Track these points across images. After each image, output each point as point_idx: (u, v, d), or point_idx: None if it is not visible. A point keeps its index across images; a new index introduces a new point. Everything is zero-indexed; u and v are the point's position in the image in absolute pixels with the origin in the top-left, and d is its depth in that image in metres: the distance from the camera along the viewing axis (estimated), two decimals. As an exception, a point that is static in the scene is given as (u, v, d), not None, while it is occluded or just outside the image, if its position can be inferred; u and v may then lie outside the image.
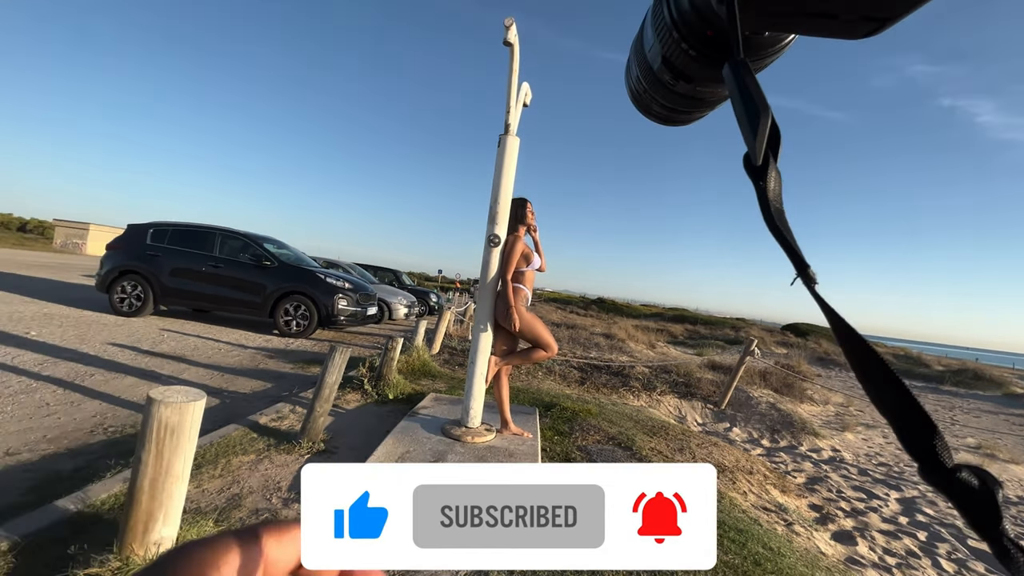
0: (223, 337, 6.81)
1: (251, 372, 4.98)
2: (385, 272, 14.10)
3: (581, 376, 6.58)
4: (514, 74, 3.04)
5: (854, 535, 3.32)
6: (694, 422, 6.04)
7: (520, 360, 3.27)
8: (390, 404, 4.06)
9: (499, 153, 3.16)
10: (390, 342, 4.31)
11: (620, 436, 3.70)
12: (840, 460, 5.38)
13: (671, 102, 0.61)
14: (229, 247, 7.92)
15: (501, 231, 3.16)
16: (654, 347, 15.30)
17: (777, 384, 9.29)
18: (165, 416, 1.52)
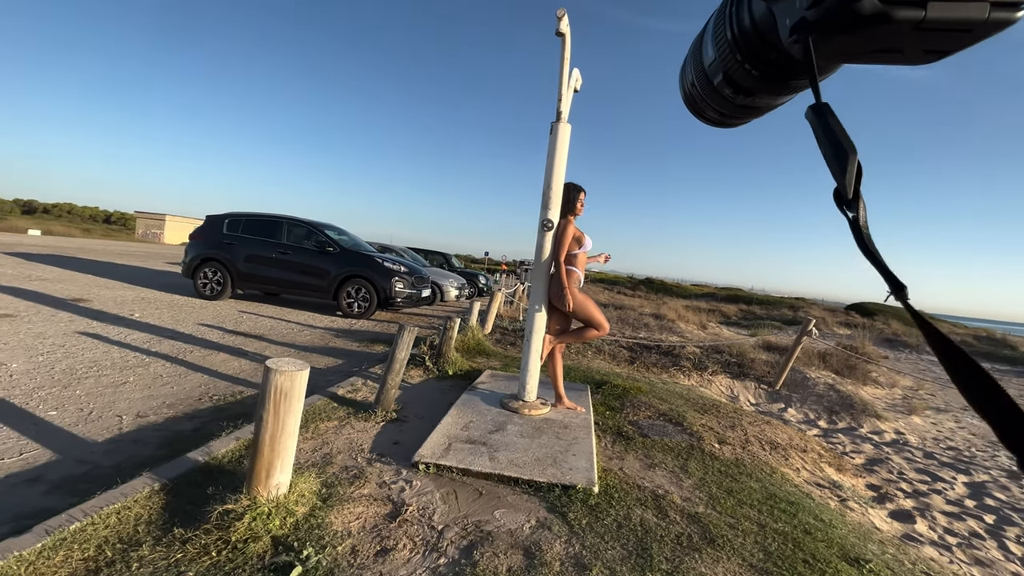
0: (293, 318, 7.40)
1: (322, 350, 5.44)
2: (435, 255, 14.56)
3: (631, 356, 6.66)
4: (565, 63, 3.13)
5: (913, 514, 3.30)
6: (747, 402, 6.00)
7: (573, 338, 3.44)
8: (450, 380, 4.36)
9: (551, 140, 3.28)
10: (448, 322, 4.59)
11: (671, 412, 3.81)
12: (904, 443, 5.21)
13: (727, 110, 0.63)
14: (295, 234, 8.51)
15: (554, 215, 3.30)
16: (705, 328, 14.98)
17: (838, 366, 8.95)
18: (280, 382, 1.81)
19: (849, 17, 0.37)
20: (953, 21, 0.35)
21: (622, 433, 3.34)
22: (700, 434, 3.44)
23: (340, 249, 8.20)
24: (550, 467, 2.55)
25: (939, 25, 0.35)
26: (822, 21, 0.39)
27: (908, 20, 0.35)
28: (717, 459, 3.06)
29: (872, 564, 2.06)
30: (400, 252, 12.67)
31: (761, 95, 0.58)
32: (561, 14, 2.86)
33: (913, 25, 0.36)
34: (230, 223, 8.58)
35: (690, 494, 2.52)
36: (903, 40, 0.38)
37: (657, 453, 3.05)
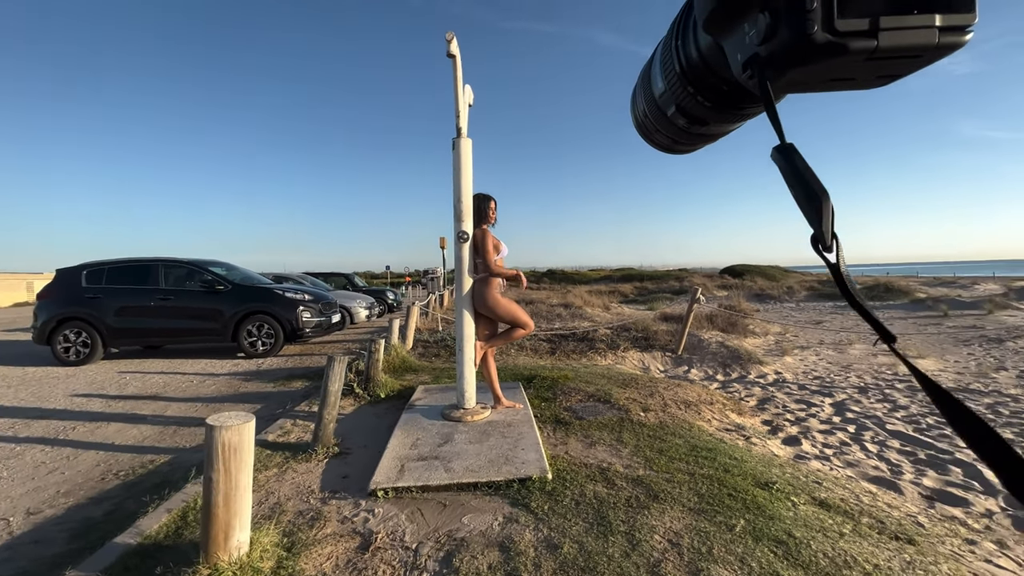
0: (189, 369, 6.68)
1: (234, 397, 5.03)
2: (336, 277, 13.92)
3: (551, 347, 7.03)
4: (459, 82, 3.28)
5: (799, 438, 3.98)
6: (657, 370, 6.66)
7: (503, 340, 3.61)
8: (383, 403, 4.30)
9: (455, 155, 3.41)
10: (372, 344, 4.52)
11: (598, 393, 4.16)
12: (783, 380, 6.17)
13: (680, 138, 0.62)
14: (175, 277, 7.66)
15: (468, 227, 3.43)
16: (609, 308, 16.13)
17: (723, 324, 10.21)
18: (227, 439, 1.74)
19: (803, 51, 0.37)
20: (904, 48, 0.35)
21: (560, 420, 3.59)
22: (627, 407, 3.81)
23: (232, 286, 7.55)
24: (504, 465, 2.69)
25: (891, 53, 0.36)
26: (775, 56, 0.39)
27: (861, 51, 0.35)
28: (645, 426, 3.43)
29: (778, 484, 2.50)
30: (298, 279, 11.93)
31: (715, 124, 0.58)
32: (450, 37, 2.99)
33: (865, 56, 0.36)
34: (90, 275, 7.48)
35: (629, 461, 2.83)
36: (856, 69, 0.39)
37: (594, 431, 3.34)
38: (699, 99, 0.52)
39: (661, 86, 0.56)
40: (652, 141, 0.67)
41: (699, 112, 0.54)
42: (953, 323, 12.82)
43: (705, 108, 0.53)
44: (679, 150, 0.67)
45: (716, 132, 0.60)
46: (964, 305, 15.67)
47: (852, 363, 7.53)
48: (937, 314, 14.58)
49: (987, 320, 12.77)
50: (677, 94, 0.54)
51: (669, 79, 0.54)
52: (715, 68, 0.48)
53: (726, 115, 0.54)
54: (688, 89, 0.52)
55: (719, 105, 0.52)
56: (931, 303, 16.62)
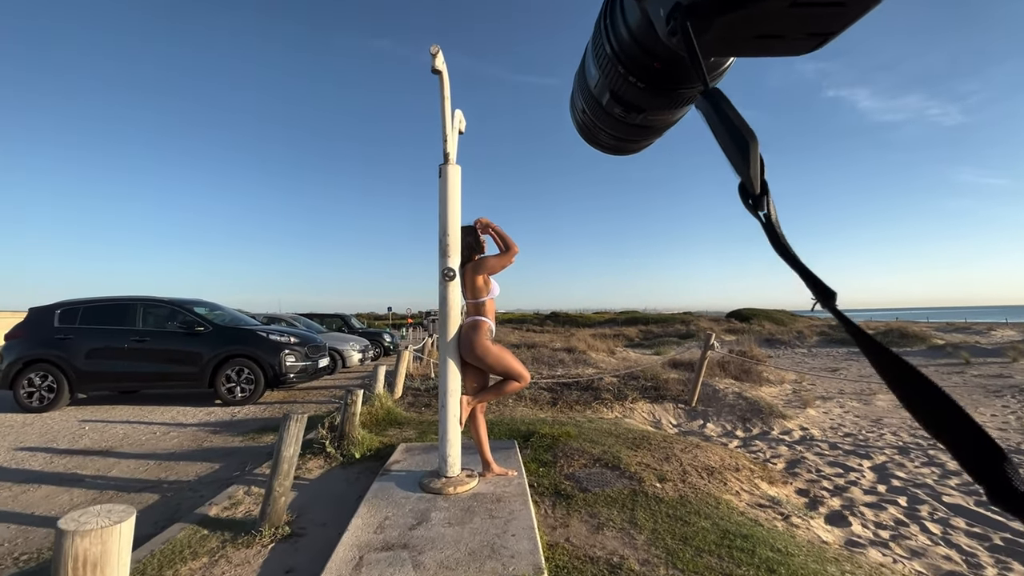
0: (156, 418, 6.12)
1: (194, 454, 4.46)
2: (332, 319, 13.46)
3: (552, 397, 6.45)
4: (446, 101, 2.94)
5: (844, 514, 3.36)
6: (669, 424, 6.04)
7: (494, 395, 3.09)
8: (358, 464, 3.73)
9: (441, 184, 3.03)
10: (349, 396, 3.99)
11: (605, 456, 3.58)
12: (811, 438, 5.54)
13: (621, 132, 0.59)
14: (154, 317, 7.22)
15: (455, 263, 3.00)
16: (614, 353, 15.50)
17: (736, 372, 9.59)
18: (83, 549, 1.22)
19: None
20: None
21: (560, 492, 3.01)
22: (639, 475, 3.24)
23: (213, 327, 7.09)
24: (488, 560, 2.13)
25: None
26: (696, 4, 0.37)
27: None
28: (663, 501, 2.85)
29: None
30: (290, 321, 11.48)
31: (653, 111, 0.53)
32: (435, 51, 2.67)
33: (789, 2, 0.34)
34: (63, 314, 7.06)
35: (647, 554, 2.25)
36: (783, 22, 0.37)
37: (601, 508, 2.76)
38: (631, 80, 0.49)
39: (595, 73, 0.54)
40: (596, 142, 0.64)
41: (633, 96, 0.51)
42: (978, 371, 12.16)
43: (639, 91, 0.50)
44: (626, 148, 0.63)
45: (656, 123, 0.56)
46: (985, 352, 15.00)
47: (881, 417, 6.89)
48: (958, 362, 13.90)
49: (1013, 369, 12.11)
50: (610, 78, 0.51)
51: (602, 63, 0.51)
52: (644, 42, 0.46)
53: (661, 98, 0.50)
54: (619, 70, 0.49)
55: (652, 86, 0.49)
56: (951, 350, 15.94)
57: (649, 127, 0.57)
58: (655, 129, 0.58)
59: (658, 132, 0.59)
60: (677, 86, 0.50)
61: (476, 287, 3.04)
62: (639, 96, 0.52)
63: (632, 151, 0.66)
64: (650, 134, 0.60)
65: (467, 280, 3.05)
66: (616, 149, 0.65)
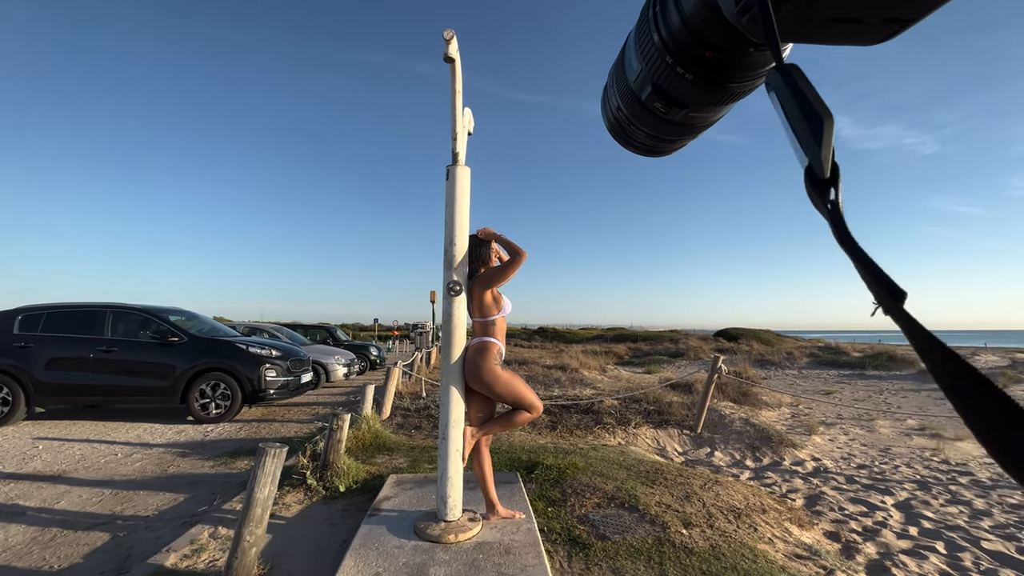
0: (120, 436, 5.61)
1: (157, 482, 3.99)
2: (317, 330, 12.94)
3: (551, 420, 6.07)
4: (457, 94, 2.63)
5: (886, 564, 3.04)
6: (675, 452, 5.70)
7: (501, 427, 2.73)
8: (343, 499, 3.32)
9: (449, 187, 2.70)
10: (335, 420, 3.59)
11: (619, 494, 3.22)
12: (824, 470, 5.24)
13: (659, 131, 0.56)
14: (125, 326, 6.72)
15: (462, 276, 2.67)
16: (606, 371, 15.17)
17: (734, 394, 9.32)
18: None
19: None
20: None
21: (575, 539, 2.65)
22: (661, 519, 2.88)
23: (188, 338, 6.60)
24: (502, 636, 1.75)
25: None
26: None
27: None
28: (693, 553, 2.50)
29: None
30: (273, 332, 10.97)
31: (696, 107, 0.50)
32: (449, 36, 2.36)
33: None
34: (24, 320, 6.53)
35: (688, 626, 1.89)
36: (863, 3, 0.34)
37: (625, 562, 2.40)
38: (679, 71, 0.47)
39: (637, 65, 0.51)
40: (629, 141, 0.60)
41: (678, 89, 0.49)
42: (971, 398, 12.08)
43: (686, 83, 0.48)
44: (661, 149, 0.60)
45: (696, 121, 0.53)
46: (975, 378, 15.00)
47: (889, 446, 6.64)
48: (951, 387, 13.85)
49: (1006, 395, 12.05)
50: (656, 69, 0.48)
51: (647, 54, 0.49)
52: (698, 29, 0.43)
53: (707, 94, 0.48)
54: (667, 60, 0.47)
55: (700, 78, 0.47)
56: (941, 375, 15.91)
57: (689, 125, 0.54)
58: (694, 128, 0.55)
59: (696, 132, 0.56)
60: (727, 79, 0.47)
61: (484, 304, 2.70)
62: (685, 89, 0.49)
63: (667, 152, 0.62)
64: (688, 132, 0.56)
65: (475, 296, 2.71)
66: (651, 149, 0.61)
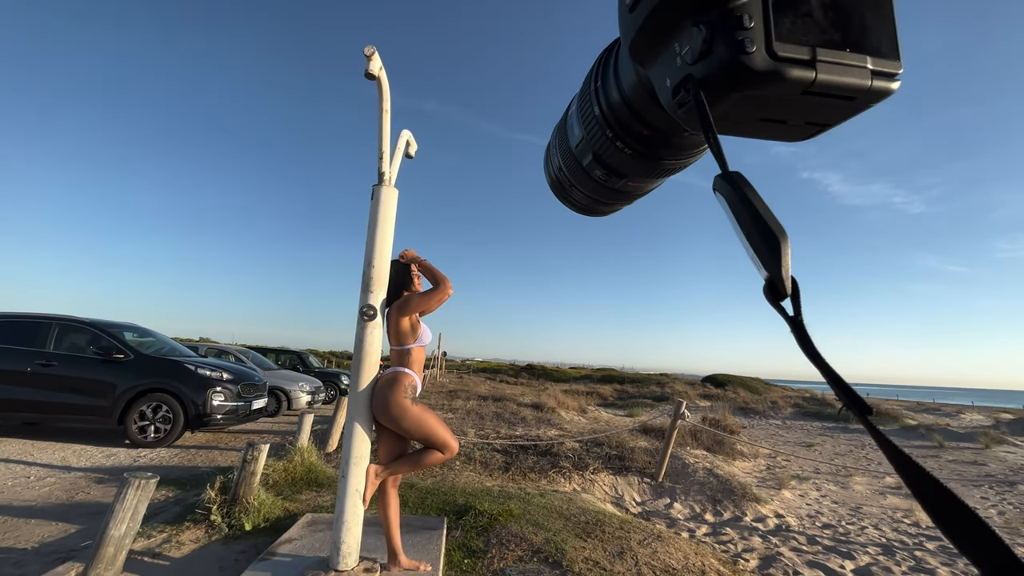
0: (43, 457, 5.25)
1: (56, 510, 3.66)
2: (286, 355, 12.59)
3: (506, 461, 5.77)
4: (385, 113, 2.55)
5: (829, 640, 2.77)
6: (632, 502, 5.40)
7: (410, 467, 2.51)
8: (246, 539, 3.03)
9: (372, 206, 2.59)
10: (250, 451, 3.33)
11: (547, 547, 2.96)
12: (786, 528, 4.96)
13: (597, 194, 0.57)
14: (70, 340, 6.43)
15: (377, 300, 2.51)
16: (585, 412, 14.81)
17: (708, 442, 9.03)
18: None
19: (741, 73, 0.33)
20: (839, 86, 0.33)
21: (482, 598, 2.39)
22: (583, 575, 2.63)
23: (134, 355, 6.32)
24: None
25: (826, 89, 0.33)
26: (711, 77, 0.35)
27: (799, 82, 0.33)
28: (607, 620, 2.25)
29: None
30: (238, 355, 10.63)
31: (635, 178, 0.52)
32: (370, 52, 2.30)
33: (803, 88, 0.33)
34: (-37, 328, 6.24)
35: None
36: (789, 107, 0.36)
37: (529, 628, 2.15)
38: (618, 145, 0.48)
39: (578, 133, 0.52)
40: (569, 200, 0.63)
41: (617, 162, 0.50)
42: (952, 456, 11.83)
43: (624, 156, 0.49)
44: (598, 210, 0.62)
45: (634, 189, 0.55)
46: (958, 436, 14.76)
47: (861, 504, 6.36)
48: (932, 445, 13.58)
49: (987, 456, 11.81)
50: (595, 141, 0.50)
51: (588, 124, 0.50)
52: (637, 109, 0.45)
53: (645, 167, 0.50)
54: (607, 133, 0.48)
55: (638, 153, 0.48)
56: (923, 431, 15.65)
57: (628, 193, 0.56)
58: (630, 196, 0.57)
59: (633, 198, 0.58)
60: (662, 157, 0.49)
61: (401, 331, 2.54)
62: (624, 161, 0.50)
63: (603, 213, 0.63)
64: (625, 200, 0.59)
65: (391, 322, 2.56)
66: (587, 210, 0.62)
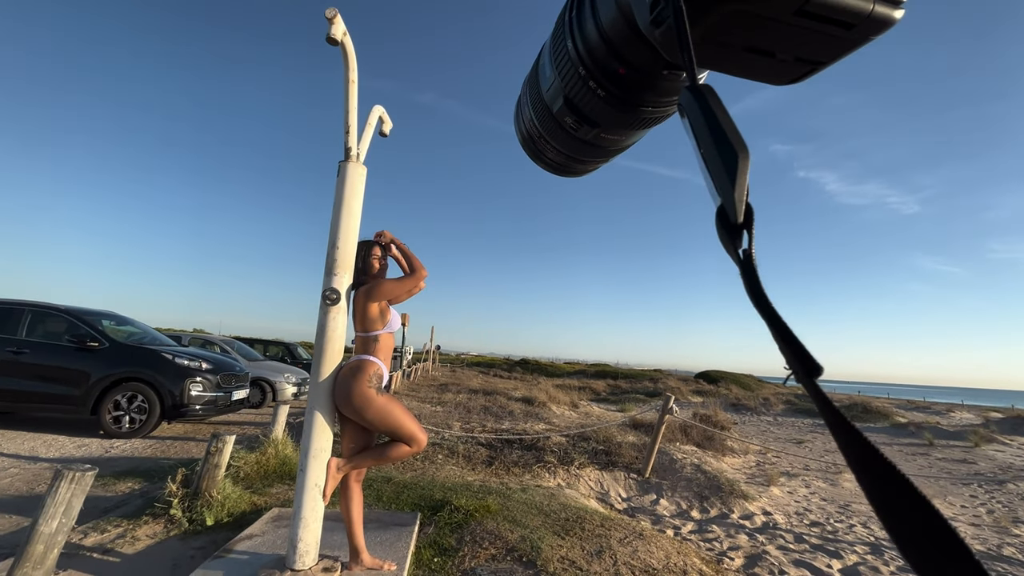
0: (11, 447, 5.08)
1: (14, 502, 3.50)
2: (274, 345, 12.42)
3: (489, 455, 5.65)
4: (352, 84, 2.39)
5: (813, 644, 2.66)
6: (618, 497, 5.30)
7: (374, 460, 2.37)
8: (206, 534, 2.89)
9: (338, 184, 2.44)
10: (215, 442, 3.18)
11: (523, 545, 2.84)
12: (774, 525, 4.87)
13: (569, 149, 0.54)
14: (45, 327, 6.24)
15: (341, 284, 2.36)
16: (577, 407, 14.72)
17: (699, 438, 8.95)
18: None
19: None
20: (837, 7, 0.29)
21: (448, 599, 2.26)
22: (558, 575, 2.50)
23: (110, 343, 6.14)
24: None
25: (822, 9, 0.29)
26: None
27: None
28: (579, 624, 2.12)
29: None
30: (223, 345, 10.45)
31: (607, 128, 0.47)
32: (331, 15, 2.13)
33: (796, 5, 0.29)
34: (-67, 314, 6.04)
35: None
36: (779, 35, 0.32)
37: (494, 632, 2.02)
38: (591, 85, 0.44)
39: (550, 75, 0.48)
40: (540, 157, 0.58)
41: (590, 106, 0.46)
42: (941, 454, 11.83)
43: (597, 100, 0.45)
44: (572, 169, 0.58)
45: (607, 143, 0.51)
46: (947, 435, 14.79)
47: (850, 501, 6.29)
48: (922, 443, 13.60)
49: (976, 455, 11.83)
50: (568, 81, 0.46)
51: (560, 63, 0.46)
52: (613, 41, 0.40)
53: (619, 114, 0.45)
54: (580, 71, 0.44)
55: (612, 96, 0.44)
56: (913, 429, 15.68)
57: (599, 146, 0.51)
58: (605, 150, 0.53)
59: (607, 155, 0.54)
60: (639, 102, 0.45)
61: (368, 317, 2.39)
62: (596, 106, 0.46)
63: (578, 172, 0.59)
64: (599, 155, 0.54)
65: (357, 307, 2.41)
66: (561, 168, 0.58)
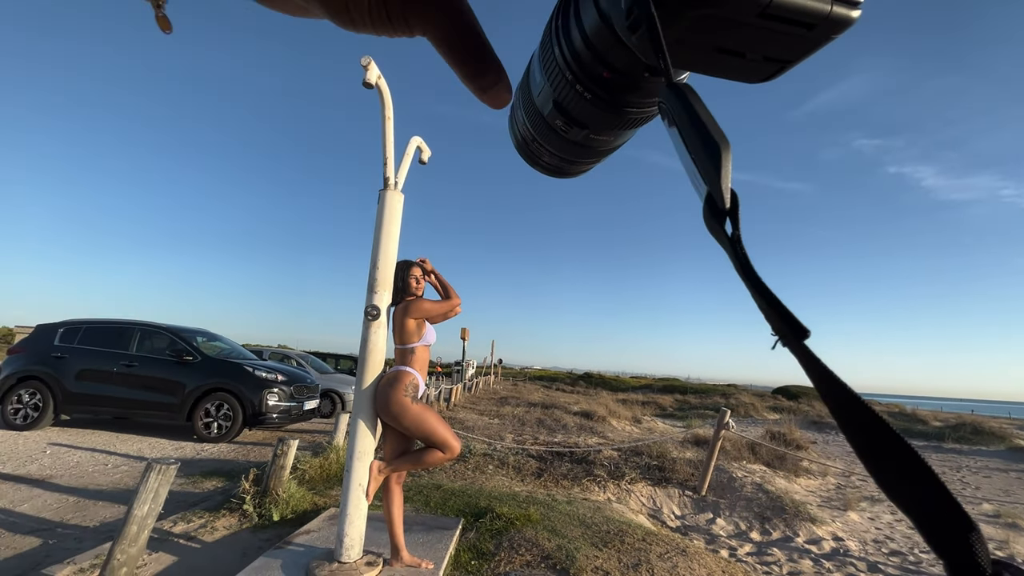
0: (123, 448, 5.86)
1: (122, 495, 4.07)
2: (345, 359, 13.25)
3: (539, 467, 5.70)
4: (387, 120, 2.65)
5: None
6: (671, 515, 5.14)
7: (412, 464, 2.55)
8: (273, 528, 3.21)
9: (379, 210, 2.69)
10: (280, 446, 3.54)
11: (558, 553, 2.89)
12: (844, 552, 4.50)
13: (562, 151, 0.56)
14: (151, 343, 7.17)
15: (382, 301, 2.60)
16: (640, 422, 14.32)
17: (768, 457, 8.42)
18: None
19: None
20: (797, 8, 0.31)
21: (479, 600, 2.37)
22: (590, 587, 2.53)
23: (202, 358, 6.93)
24: None
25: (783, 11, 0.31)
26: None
27: None
28: (605, 633, 2.15)
29: None
30: (299, 359, 11.33)
31: (596, 129, 0.50)
32: (366, 62, 2.41)
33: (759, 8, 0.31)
34: (65, 333, 7.13)
35: None
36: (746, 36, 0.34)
37: (520, 633, 2.10)
38: (578, 89, 0.46)
39: (540, 80, 0.50)
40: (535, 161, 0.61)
41: (577, 109, 0.48)
42: (1074, 485, 10.21)
43: (584, 103, 0.47)
44: (566, 170, 0.61)
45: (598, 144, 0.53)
46: (1082, 461, 12.73)
47: (943, 532, 5.65)
48: (1048, 470, 11.81)
49: (1120, 485, 10.09)
50: (556, 85, 0.48)
51: (548, 69, 0.48)
52: (597, 47, 0.42)
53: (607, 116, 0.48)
54: (567, 76, 0.46)
55: (598, 99, 0.46)
56: (1036, 454, 13.66)
57: (590, 147, 0.53)
58: (596, 151, 0.55)
59: (599, 155, 0.56)
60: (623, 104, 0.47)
61: (405, 331, 2.60)
62: (584, 109, 0.47)
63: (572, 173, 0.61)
64: (591, 155, 0.56)
65: (396, 322, 2.63)
66: (556, 170, 0.60)
